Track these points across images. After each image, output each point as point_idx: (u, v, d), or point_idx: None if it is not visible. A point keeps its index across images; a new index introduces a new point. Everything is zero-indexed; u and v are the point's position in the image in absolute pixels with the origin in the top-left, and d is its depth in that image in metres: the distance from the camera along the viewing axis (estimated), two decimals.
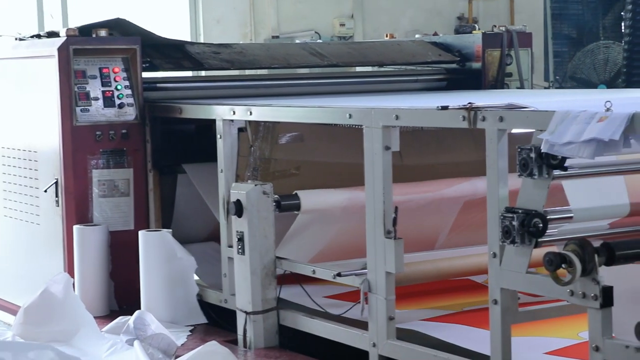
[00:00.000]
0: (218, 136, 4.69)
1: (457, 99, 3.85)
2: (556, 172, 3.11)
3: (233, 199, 4.41)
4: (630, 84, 7.71)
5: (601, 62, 7.96)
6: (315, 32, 11.24)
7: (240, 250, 4.40)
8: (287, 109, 4.49)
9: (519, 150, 3.13)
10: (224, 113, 4.67)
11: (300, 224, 4.51)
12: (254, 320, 4.38)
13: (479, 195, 4.32)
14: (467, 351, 3.64)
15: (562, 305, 3.52)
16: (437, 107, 3.53)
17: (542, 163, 3.09)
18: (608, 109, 2.92)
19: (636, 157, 3.25)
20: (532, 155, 3.10)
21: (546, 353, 3.60)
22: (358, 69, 6.44)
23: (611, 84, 7.77)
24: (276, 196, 4.41)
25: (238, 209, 4.38)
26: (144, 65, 5.23)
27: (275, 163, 4.87)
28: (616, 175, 3.28)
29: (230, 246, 4.56)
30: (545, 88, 8.84)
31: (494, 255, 3.31)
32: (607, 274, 2.99)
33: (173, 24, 10.51)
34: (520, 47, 5.93)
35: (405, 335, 3.93)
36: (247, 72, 6.39)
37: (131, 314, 4.30)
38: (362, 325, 4.01)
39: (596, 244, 3.02)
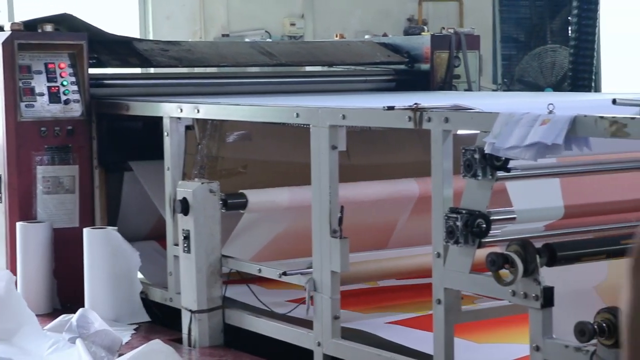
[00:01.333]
0: (165, 134, 4.67)
1: (404, 99, 3.86)
2: (500, 174, 3.14)
3: (179, 197, 4.39)
4: (575, 87, 7.81)
5: (548, 65, 8.04)
6: (266, 31, 11.23)
7: (186, 249, 4.38)
8: (235, 107, 4.48)
9: (464, 151, 3.16)
10: (171, 110, 4.65)
11: (246, 222, 4.50)
12: (199, 319, 4.36)
13: (427, 196, 4.34)
14: (412, 351, 3.67)
15: (506, 305, 3.54)
16: (384, 107, 3.55)
17: (485, 164, 3.12)
18: (551, 112, 2.95)
19: (578, 159, 3.29)
20: (476, 156, 3.12)
21: None
22: (308, 68, 6.44)
23: (558, 87, 7.86)
24: (223, 194, 4.40)
25: (184, 207, 4.36)
26: (90, 61, 5.19)
27: (222, 161, 4.85)
28: (558, 177, 3.32)
29: (176, 244, 4.54)
30: (493, 91, 8.91)
31: (438, 255, 3.33)
32: (549, 275, 3.03)
33: (122, 20, 10.44)
34: (468, 50, 5.98)
35: (351, 334, 3.94)
36: (197, 70, 6.37)
37: (74, 312, 4.26)
38: (308, 324, 4.02)
39: (539, 245, 3.06)
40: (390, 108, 3.52)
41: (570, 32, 7.85)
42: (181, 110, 4.60)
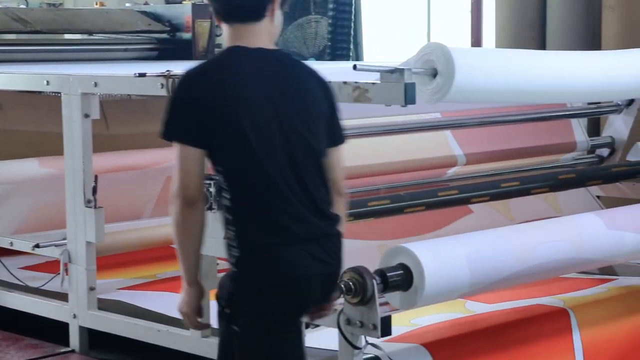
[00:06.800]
0: None
1: (162, 68, 3.83)
2: None
3: None
4: (335, 57, 7.99)
5: (311, 36, 8.18)
6: None
7: None
8: None
9: None
10: None
11: None
12: None
13: None
14: (166, 317, 3.66)
15: None
16: (135, 74, 3.51)
17: None
18: None
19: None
20: None
21: None
22: (67, 36, 6.26)
23: (320, 57, 8.02)
24: None
25: None
26: None
27: None
28: None
29: None
30: None
31: None
32: None
33: None
34: None
35: (107, 305, 3.90)
36: None
37: None
38: (63, 297, 3.94)
39: None
40: (142, 75, 3.50)
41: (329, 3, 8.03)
42: None
